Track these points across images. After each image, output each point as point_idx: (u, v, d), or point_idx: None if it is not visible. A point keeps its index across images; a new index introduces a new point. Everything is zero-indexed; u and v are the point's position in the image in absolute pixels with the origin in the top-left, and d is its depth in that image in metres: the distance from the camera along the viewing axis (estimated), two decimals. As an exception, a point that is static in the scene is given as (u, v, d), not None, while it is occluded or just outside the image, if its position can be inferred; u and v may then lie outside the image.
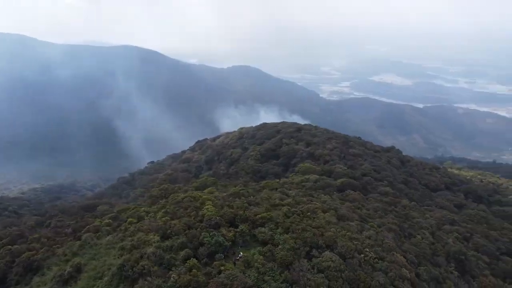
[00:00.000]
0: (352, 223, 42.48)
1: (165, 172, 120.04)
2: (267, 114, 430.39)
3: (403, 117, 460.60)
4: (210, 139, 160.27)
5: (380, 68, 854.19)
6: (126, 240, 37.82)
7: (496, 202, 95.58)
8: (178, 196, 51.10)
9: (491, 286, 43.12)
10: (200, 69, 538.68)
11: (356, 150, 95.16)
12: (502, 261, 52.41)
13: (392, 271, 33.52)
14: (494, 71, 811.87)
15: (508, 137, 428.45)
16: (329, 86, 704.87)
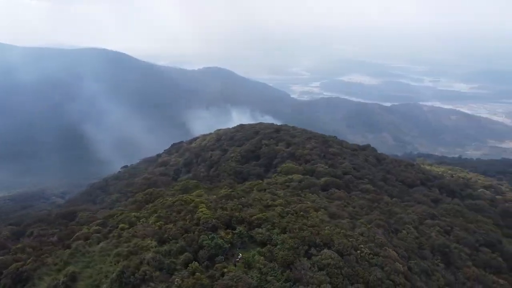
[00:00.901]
0: (343, 221, 43.56)
1: (143, 176, 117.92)
2: (239, 115, 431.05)
3: (372, 115, 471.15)
4: (186, 142, 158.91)
5: (348, 68, 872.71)
6: (121, 247, 37.23)
7: (468, 196, 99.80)
8: (166, 200, 50.67)
9: (474, 276, 45.28)
10: (170, 71, 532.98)
11: (335, 149, 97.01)
12: (481, 252, 55.06)
13: (387, 266, 34.70)
14: (456, 70, 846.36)
15: (470, 133, 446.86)
16: (300, 87, 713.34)
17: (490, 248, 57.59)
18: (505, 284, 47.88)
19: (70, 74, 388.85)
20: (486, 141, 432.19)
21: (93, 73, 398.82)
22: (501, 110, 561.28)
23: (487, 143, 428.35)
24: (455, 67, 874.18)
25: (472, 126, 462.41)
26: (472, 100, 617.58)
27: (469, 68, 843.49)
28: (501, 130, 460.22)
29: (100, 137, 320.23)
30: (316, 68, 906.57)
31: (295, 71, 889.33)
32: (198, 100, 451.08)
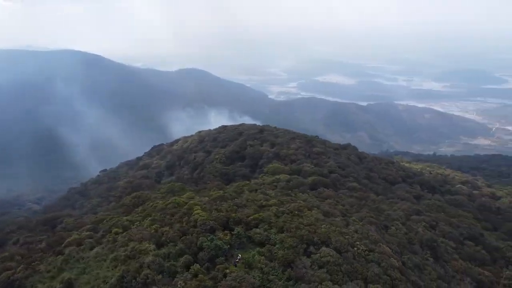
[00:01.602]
0: (337, 219, 44.23)
1: (126, 179, 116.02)
2: (217, 116, 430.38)
3: (348, 115, 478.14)
4: (167, 144, 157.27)
5: (324, 68, 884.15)
6: (118, 251, 36.69)
7: (447, 192, 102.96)
8: (157, 203, 50.16)
9: (462, 269, 46.83)
10: (146, 72, 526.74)
11: (319, 148, 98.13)
12: (466, 245, 56.99)
13: (383, 262, 35.50)
14: (429, 70, 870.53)
15: (443, 131, 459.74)
16: (277, 87, 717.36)
17: (473, 241, 59.67)
18: (490, 275, 49.71)
19: (44, 77, 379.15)
20: (459, 138, 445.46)
21: (67, 75, 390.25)
22: (472, 108, 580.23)
23: (459, 140, 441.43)
24: (428, 67, 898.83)
25: (445, 124, 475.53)
26: (444, 99, 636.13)
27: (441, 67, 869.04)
28: (472, 127, 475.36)
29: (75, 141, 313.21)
30: (293, 68, 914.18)
31: (272, 71, 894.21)
32: (175, 101, 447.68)
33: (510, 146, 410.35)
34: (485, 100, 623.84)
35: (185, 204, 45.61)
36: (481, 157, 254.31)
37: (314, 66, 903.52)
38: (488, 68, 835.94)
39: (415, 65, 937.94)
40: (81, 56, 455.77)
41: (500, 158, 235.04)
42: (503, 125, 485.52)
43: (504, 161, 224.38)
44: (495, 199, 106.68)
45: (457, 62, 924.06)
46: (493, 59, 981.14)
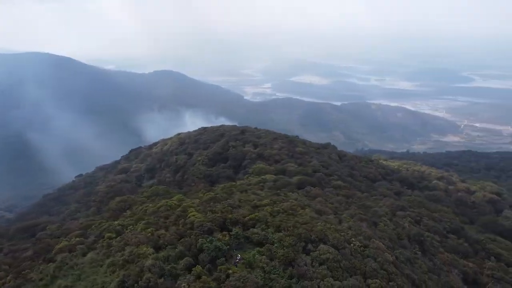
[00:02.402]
0: (329, 217, 44.88)
1: (107, 184, 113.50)
2: (193, 118, 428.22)
3: (323, 115, 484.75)
4: (146, 147, 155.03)
5: (298, 68, 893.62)
6: (115, 256, 36.06)
7: (425, 188, 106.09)
8: (147, 206, 49.48)
9: (449, 261, 48.45)
10: (119, 75, 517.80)
11: (301, 148, 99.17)
12: (449, 238, 58.94)
13: (379, 257, 36.34)
14: (400, 69, 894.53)
15: (415, 129, 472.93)
16: (252, 88, 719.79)
17: (456, 234, 61.84)
18: (474, 267, 51.64)
19: (12, 81, 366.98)
20: (430, 136, 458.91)
21: (36, 78, 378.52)
22: (442, 106, 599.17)
23: (431, 137, 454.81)
24: (398, 66, 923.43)
25: (416, 122, 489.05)
26: (415, 98, 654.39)
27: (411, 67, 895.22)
28: (442, 125, 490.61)
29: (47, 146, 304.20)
30: (267, 69, 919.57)
31: (247, 72, 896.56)
32: (150, 104, 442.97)
33: (477, 142, 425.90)
34: (454, 99, 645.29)
35: (177, 206, 45.23)
36: (452, 154, 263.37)
37: (288, 67, 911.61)
38: (456, 67, 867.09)
39: (386, 65, 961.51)
40: (50, 58, 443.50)
41: (470, 154, 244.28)
42: (471, 122, 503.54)
43: (474, 157, 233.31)
44: (469, 193, 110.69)
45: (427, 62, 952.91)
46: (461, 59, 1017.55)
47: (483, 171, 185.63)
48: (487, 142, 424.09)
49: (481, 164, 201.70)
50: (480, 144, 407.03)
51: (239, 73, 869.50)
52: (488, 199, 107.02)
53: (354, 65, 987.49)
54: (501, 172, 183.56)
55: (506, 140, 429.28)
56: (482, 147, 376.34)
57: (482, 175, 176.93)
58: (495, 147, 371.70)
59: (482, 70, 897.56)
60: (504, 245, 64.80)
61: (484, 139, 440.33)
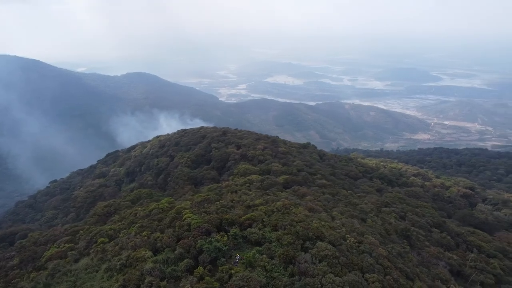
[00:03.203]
0: (322, 214, 45.58)
1: (86, 189, 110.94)
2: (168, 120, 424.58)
3: (298, 115, 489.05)
4: (123, 151, 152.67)
5: (272, 69, 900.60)
6: (111, 261, 35.45)
7: (403, 184, 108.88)
8: (137, 210, 48.83)
9: (435, 254, 50.09)
10: (91, 77, 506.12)
11: (284, 148, 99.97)
12: (433, 232, 60.87)
13: (374, 252, 37.26)
14: (371, 69, 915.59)
15: (387, 127, 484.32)
16: (227, 89, 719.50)
17: (438, 228, 63.92)
18: (458, 259, 53.58)
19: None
20: (402, 134, 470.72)
21: (3, 81, 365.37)
22: (412, 105, 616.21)
23: (403, 135, 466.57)
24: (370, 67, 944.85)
25: (388, 121, 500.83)
26: (387, 97, 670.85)
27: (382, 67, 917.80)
28: (413, 123, 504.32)
29: (15, 151, 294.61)
30: (241, 70, 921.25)
31: (221, 74, 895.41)
32: (123, 106, 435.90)
33: (447, 139, 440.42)
34: (423, 97, 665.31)
35: (169, 209, 44.86)
36: (424, 151, 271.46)
37: (262, 68, 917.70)
38: (424, 67, 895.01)
39: (358, 65, 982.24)
40: (17, 61, 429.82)
41: (442, 151, 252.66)
42: (441, 120, 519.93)
43: (445, 153, 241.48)
44: (445, 189, 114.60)
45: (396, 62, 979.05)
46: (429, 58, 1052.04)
47: (455, 167, 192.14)
48: (456, 139, 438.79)
49: (453, 160, 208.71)
50: (450, 141, 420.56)
51: (213, 75, 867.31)
52: (462, 194, 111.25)
53: (327, 65, 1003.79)
54: (471, 167, 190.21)
55: (474, 137, 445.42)
56: (452, 144, 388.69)
57: (454, 170, 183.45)
58: (463, 144, 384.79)
59: (449, 69, 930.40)
60: (483, 237, 67.49)
61: (453, 136, 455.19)
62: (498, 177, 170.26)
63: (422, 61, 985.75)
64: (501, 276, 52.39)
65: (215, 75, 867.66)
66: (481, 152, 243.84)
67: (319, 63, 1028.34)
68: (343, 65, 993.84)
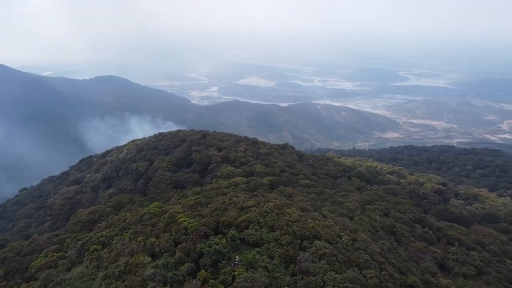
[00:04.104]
0: (313, 214, 46.31)
1: (62, 196, 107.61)
2: (140, 123, 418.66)
3: (271, 116, 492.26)
4: (98, 156, 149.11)
5: (244, 71, 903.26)
6: (108, 268, 34.74)
7: (380, 182, 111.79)
8: (125, 216, 48.04)
9: (421, 249, 51.87)
10: (58, 82, 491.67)
11: (265, 149, 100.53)
12: (416, 228, 62.94)
13: (368, 248, 38.27)
14: (341, 70, 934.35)
15: (358, 127, 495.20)
16: (199, 92, 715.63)
17: (420, 224, 66.15)
18: (441, 253, 55.66)
19: None
20: (372, 133, 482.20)
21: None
22: (381, 104, 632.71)
23: (373, 134, 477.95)
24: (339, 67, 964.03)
25: (359, 120, 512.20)
26: (357, 97, 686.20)
27: (351, 68, 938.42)
28: (383, 122, 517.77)
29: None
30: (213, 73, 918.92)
31: (193, 76, 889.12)
32: (92, 111, 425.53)
33: (415, 137, 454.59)
34: (392, 97, 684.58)
35: (161, 214, 44.41)
36: (395, 149, 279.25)
37: (234, 70, 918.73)
38: (392, 67, 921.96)
39: (328, 66, 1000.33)
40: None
41: (412, 149, 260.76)
42: (409, 119, 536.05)
43: (415, 151, 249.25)
44: (419, 185, 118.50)
45: (365, 63, 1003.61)
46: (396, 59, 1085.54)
47: (425, 164, 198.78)
48: (424, 137, 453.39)
49: (423, 157, 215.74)
50: (418, 139, 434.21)
51: (184, 77, 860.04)
52: (436, 190, 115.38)
53: (298, 67, 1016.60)
54: (441, 164, 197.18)
55: (441, 135, 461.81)
56: (420, 141, 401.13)
57: (425, 167, 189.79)
58: (431, 141, 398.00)
59: (415, 69, 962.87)
60: (461, 231, 70.35)
61: (421, 134, 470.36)
62: (466, 173, 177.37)
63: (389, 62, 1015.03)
64: (481, 267, 54.79)
65: (187, 78, 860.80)
66: (449, 149, 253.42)
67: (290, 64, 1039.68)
68: (313, 66, 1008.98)
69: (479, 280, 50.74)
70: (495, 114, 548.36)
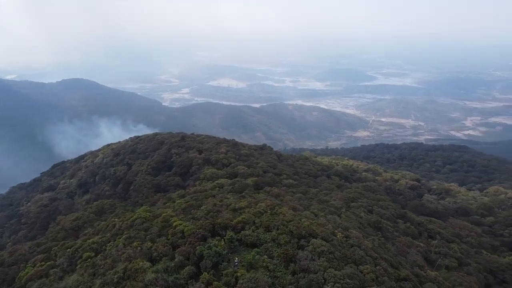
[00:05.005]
0: (305, 212, 47.05)
1: (38, 203, 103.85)
2: (110, 126, 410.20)
3: (244, 117, 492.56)
4: (71, 161, 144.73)
5: (215, 73, 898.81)
6: (106, 275, 34.08)
7: (358, 180, 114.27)
8: (113, 220, 47.24)
9: (407, 243, 53.67)
10: (22, 85, 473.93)
11: (246, 150, 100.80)
12: (399, 223, 64.96)
13: (362, 245, 39.34)
14: (311, 70, 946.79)
15: (330, 126, 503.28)
16: (170, 94, 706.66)
17: (402, 219, 68.30)
18: (424, 246, 57.78)
19: None
20: (344, 132, 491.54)
21: None
22: (351, 103, 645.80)
23: (344, 133, 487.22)
24: (310, 68, 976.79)
25: (330, 120, 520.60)
26: (327, 97, 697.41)
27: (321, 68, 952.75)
28: (353, 121, 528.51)
29: None
30: (184, 74, 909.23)
31: (163, 78, 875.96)
32: (59, 114, 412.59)
33: (385, 135, 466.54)
34: (361, 96, 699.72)
35: (153, 218, 43.94)
36: (367, 147, 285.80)
37: (205, 71, 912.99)
38: (361, 68, 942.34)
39: (299, 67, 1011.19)
40: None
41: (383, 146, 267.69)
42: (378, 117, 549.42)
43: (386, 148, 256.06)
44: (395, 182, 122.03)
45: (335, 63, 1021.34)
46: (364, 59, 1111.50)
47: (397, 161, 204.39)
48: (393, 135, 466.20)
49: (395, 155, 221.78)
50: (387, 137, 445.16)
51: (155, 79, 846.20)
52: (410, 186, 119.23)
53: (269, 67, 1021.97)
54: (412, 160, 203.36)
55: (409, 132, 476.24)
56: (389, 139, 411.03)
57: (397, 164, 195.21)
58: (400, 139, 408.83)
59: (383, 69, 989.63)
60: (439, 225, 73.22)
61: (390, 132, 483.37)
62: (437, 169, 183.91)
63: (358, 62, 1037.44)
64: (462, 259, 57.23)
65: (157, 80, 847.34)
66: (418, 146, 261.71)
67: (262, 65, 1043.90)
68: (284, 67, 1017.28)
69: (461, 271, 53.01)
70: (459, 111, 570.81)
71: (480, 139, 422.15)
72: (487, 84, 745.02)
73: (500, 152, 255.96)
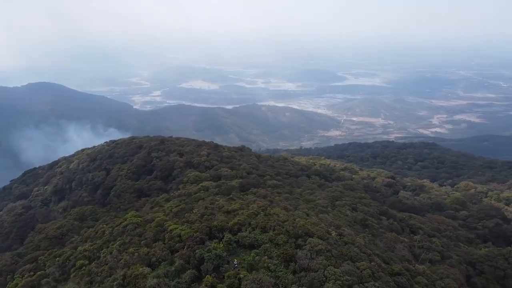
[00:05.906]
0: (297, 212, 47.69)
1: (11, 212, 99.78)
2: (79, 131, 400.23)
3: (217, 119, 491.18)
4: (44, 168, 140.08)
5: (186, 75, 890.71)
6: (104, 282, 33.45)
7: (337, 179, 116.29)
8: (103, 227, 46.37)
9: (393, 239, 55.27)
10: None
11: (227, 152, 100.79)
12: (383, 220, 66.74)
13: (356, 242, 40.35)
14: (282, 71, 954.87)
15: (303, 126, 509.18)
16: (141, 97, 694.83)
17: (385, 216, 70.17)
18: (408, 241, 59.68)
19: None
20: (316, 132, 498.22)
21: None
22: (323, 103, 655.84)
23: (317, 133, 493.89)
24: (281, 69, 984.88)
25: (303, 120, 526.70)
26: (299, 97, 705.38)
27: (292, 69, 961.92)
28: (325, 121, 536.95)
29: None
30: (155, 77, 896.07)
31: (134, 81, 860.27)
32: (25, 119, 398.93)
33: (356, 134, 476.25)
34: (332, 96, 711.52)
35: (145, 223, 43.40)
36: (340, 146, 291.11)
37: (176, 74, 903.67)
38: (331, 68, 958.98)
39: (270, 68, 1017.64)
40: None
41: (356, 145, 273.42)
42: (349, 117, 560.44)
43: (359, 147, 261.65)
44: (372, 180, 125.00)
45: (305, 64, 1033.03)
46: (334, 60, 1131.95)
47: (371, 159, 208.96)
48: (364, 134, 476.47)
49: (368, 153, 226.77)
50: (359, 136, 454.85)
51: (125, 82, 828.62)
52: (387, 183, 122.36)
53: (241, 69, 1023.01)
54: (385, 158, 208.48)
55: (379, 131, 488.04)
56: (361, 138, 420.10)
57: (371, 162, 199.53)
58: (371, 138, 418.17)
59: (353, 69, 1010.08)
60: (419, 220, 75.72)
61: (361, 131, 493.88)
62: (409, 166, 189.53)
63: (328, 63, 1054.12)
64: (443, 252, 59.41)
65: (127, 83, 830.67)
66: (389, 144, 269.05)
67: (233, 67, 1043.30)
68: (255, 68, 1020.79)
69: (444, 264, 55.08)
70: (426, 109, 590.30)
71: (446, 136, 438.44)
72: (452, 83, 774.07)
73: (466, 148, 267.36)
